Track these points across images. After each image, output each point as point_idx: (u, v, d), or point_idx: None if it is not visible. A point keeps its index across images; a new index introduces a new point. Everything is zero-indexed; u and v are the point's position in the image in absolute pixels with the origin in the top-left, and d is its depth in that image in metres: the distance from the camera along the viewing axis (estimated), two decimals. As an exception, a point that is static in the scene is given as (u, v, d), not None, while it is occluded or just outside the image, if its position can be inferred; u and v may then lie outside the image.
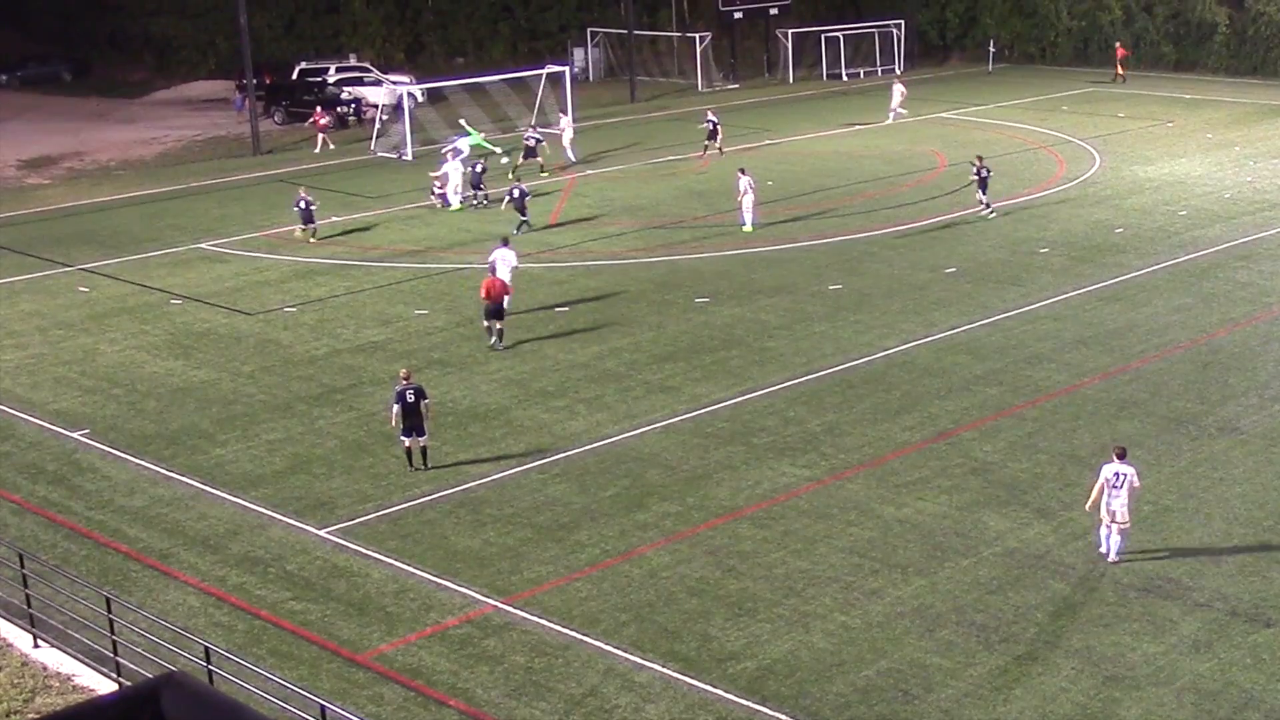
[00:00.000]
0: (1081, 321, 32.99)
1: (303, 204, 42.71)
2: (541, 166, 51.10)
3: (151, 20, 79.19)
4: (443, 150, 48.69)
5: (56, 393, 30.29)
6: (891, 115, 60.70)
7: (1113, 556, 21.67)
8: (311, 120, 59.02)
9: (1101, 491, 21.52)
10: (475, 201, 45.86)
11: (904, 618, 20.26)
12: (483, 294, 32.13)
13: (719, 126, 53.93)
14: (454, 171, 46.16)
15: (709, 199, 46.48)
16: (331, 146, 57.31)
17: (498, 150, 52.53)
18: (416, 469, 25.55)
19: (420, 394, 25.32)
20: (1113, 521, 21.51)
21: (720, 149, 53.62)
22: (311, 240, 42.48)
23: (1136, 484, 21.63)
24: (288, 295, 36.96)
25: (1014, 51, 79.36)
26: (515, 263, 34.62)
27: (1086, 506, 22.01)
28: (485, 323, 32.31)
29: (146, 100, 73.46)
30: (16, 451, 27.25)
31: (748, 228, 41.80)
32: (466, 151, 50.29)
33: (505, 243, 35.07)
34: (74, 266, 40.49)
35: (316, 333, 33.78)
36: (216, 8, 75.62)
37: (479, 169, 46.63)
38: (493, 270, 33.68)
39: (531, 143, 51.10)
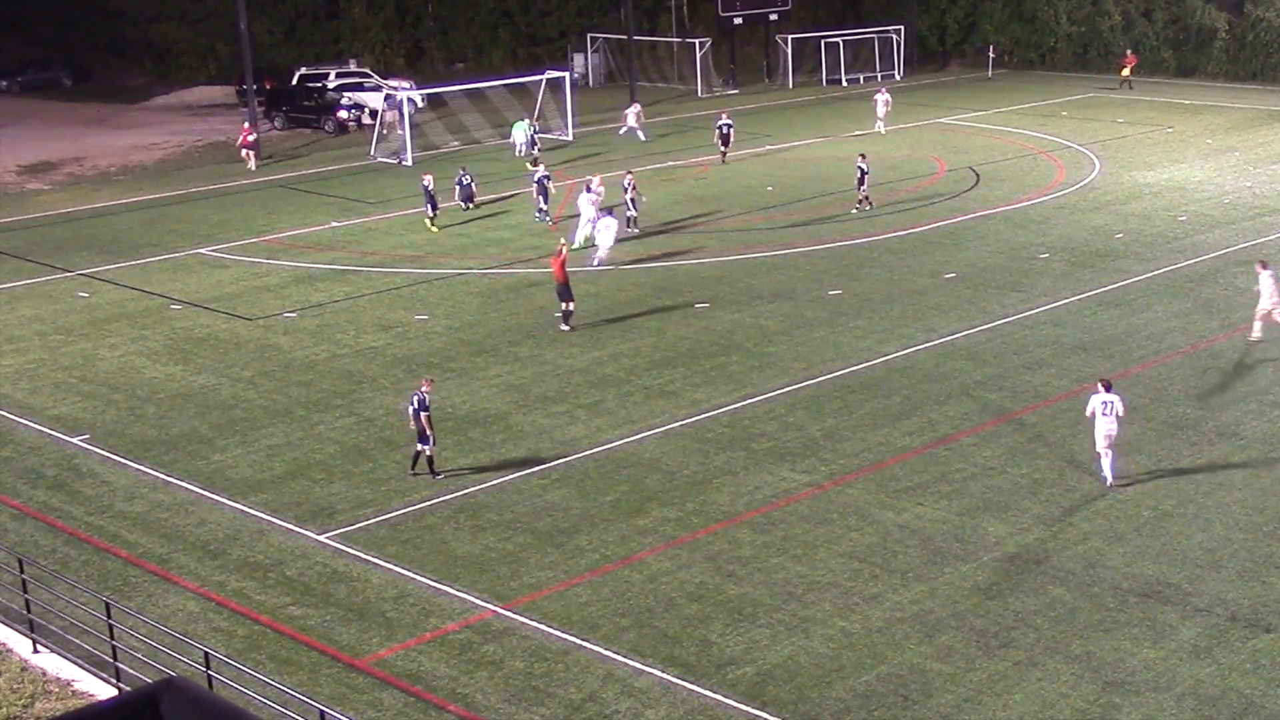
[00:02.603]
0: (1081, 327, 33.00)
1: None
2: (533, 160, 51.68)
3: (152, 26, 79.24)
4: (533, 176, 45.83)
5: (56, 398, 30.29)
6: (878, 125, 59.50)
7: (1111, 478, 24.37)
8: (240, 141, 56.27)
9: (1094, 420, 24.31)
10: (538, 217, 44.53)
11: (903, 623, 20.26)
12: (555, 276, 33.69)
13: (731, 131, 53.85)
14: (585, 205, 41.31)
15: (709, 204, 46.49)
16: (252, 167, 55.03)
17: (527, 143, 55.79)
18: (418, 474, 25.55)
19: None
20: (1109, 446, 24.26)
21: (724, 155, 53.56)
22: (434, 230, 43.66)
23: (1122, 410, 24.38)
24: (287, 300, 36.97)
25: (1014, 57, 79.45)
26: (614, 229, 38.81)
27: (1087, 413, 24.49)
28: (562, 305, 33.62)
29: (147, 106, 73.52)
30: (16, 457, 27.25)
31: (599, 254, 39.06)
32: (523, 140, 54.68)
33: (609, 211, 39.88)
34: (74, 272, 40.50)
35: (316, 338, 33.79)
36: (217, 13, 75.70)
37: (470, 183, 46.45)
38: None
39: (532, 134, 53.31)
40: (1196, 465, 25.32)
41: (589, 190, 41.34)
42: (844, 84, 74.83)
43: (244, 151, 55.74)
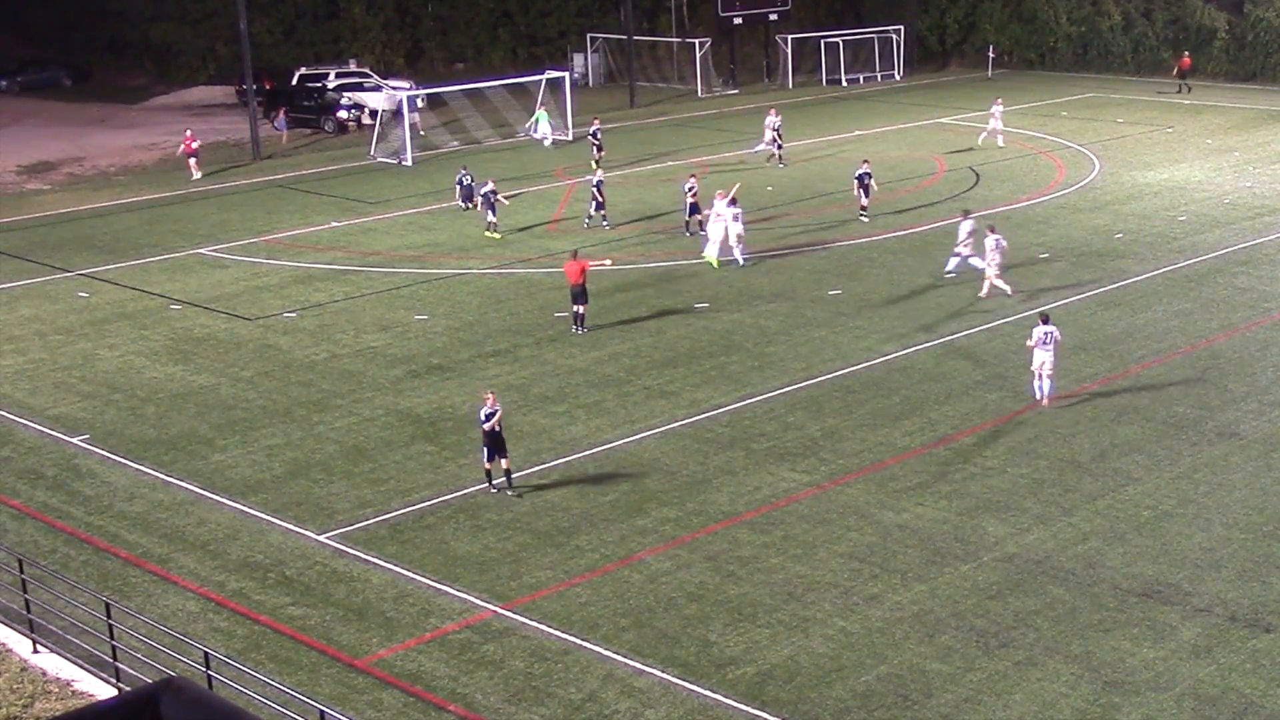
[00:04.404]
0: (1081, 327, 33.00)
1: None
2: (596, 162, 51.45)
3: (151, 26, 79.21)
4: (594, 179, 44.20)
5: (56, 398, 30.29)
6: (998, 138, 55.03)
7: (1046, 398, 27.88)
8: (182, 148, 54.08)
9: (1033, 349, 27.71)
10: (588, 222, 43.66)
11: (903, 623, 20.27)
12: (568, 279, 33.23)
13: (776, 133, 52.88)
14: (719, 225, 39.11)
15: (708, 204, 46.37)
16: (197, 176, 53.37)
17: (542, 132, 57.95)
18: (502, 490, 24.81)
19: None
20: (1042, 372, 27.73)
21: (770, 156, 52.72)
22: (495, 235, 42.58)
23: (1059, 337, 27.94)
24: (287, 300, 36.97)
25: (1013, 57, 79.44)
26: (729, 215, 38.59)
27: (1029, 343, 27.98)
28: (574, 307, 33.26)
29: (146, 106, 73.48)
30: (16, 457, 27.25)
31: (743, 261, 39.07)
32: (546, 131, 57.31)
33: (733, 202, 39.00)
34: (74, 272, 40.50)
35: (316, 338, 33.79)
36: (216, 13, 75.69)
37: (471, 184, 46.52)
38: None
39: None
40: (1196, 465, 25.33)
41: (727, 204, 38.89)
42: (844, 84, 74.84)
43: (189, 160, 53.72)
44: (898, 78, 76.58)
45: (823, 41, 75.31)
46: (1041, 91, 70.35)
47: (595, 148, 52.75)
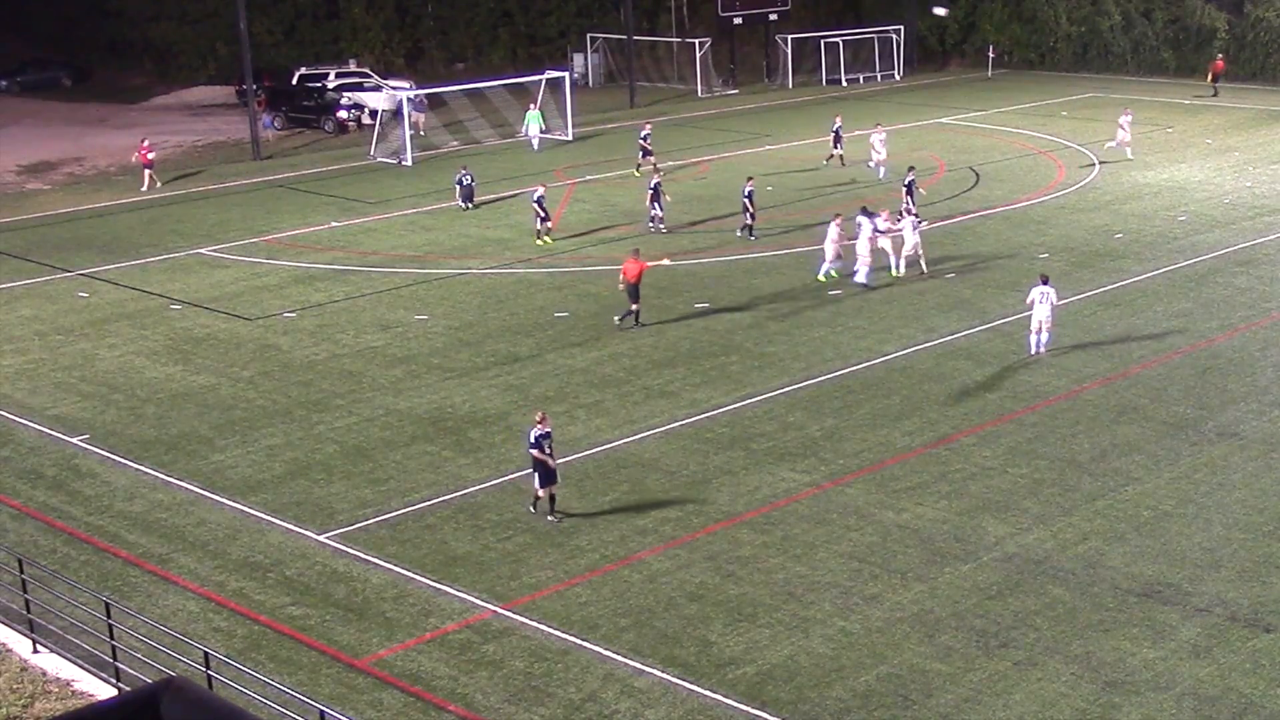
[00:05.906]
0: (1081, 327, 33.00)
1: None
2: (638, 166, 51.14)
3: (151, 26, 79.20)
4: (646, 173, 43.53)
5: (56, 398, 30.29)
6: (1118, 145, 52.07)
7: (1042, 350, 30.71)
8: (137, 156, 52.51)
9: (1031, 305, 30.71)
10: (652, 225, 42.86)
11: (903, 623, 20.27)
12: (622, 276, 33.54)
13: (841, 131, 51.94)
14: (829, 241, 37.13)
15: (709, 204, 46.49)
16: (159, 185, 52.12)
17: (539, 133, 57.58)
18: (558, 517, 23.87)
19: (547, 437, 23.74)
20: (1041, 328, 30.61)
21: (837, 156, 51.78)
22: (545, 241, 41.78)
23: (1055, 301, 30.73)
24: (287, 300, 36.97)
25: (1013, 57, 79.45)
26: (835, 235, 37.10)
27: (1027, 301, 31.12)
28: (633, 305, 33.58)
29: (146, 106, 73.48)
30: (16, 457, 27.25)
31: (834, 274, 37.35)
32: (535, 131, 56.80)
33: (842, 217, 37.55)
34: (73, 272, 40.49)
35: (316, 338, 33.79)
36: (216, 13, 75.67)
37: (472, 183, 46.82)
38: None
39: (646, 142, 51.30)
40: (1196, 465, 25.33)
41: (871, 221, 36.94)
42: (844, 84, 74.83)
43: (144, 170, 52.20)
44: (898, 78, 76.59)
45: (822, 41, 75.30)
46: (1041, 91, 70.35)
47: (643, 151, 51.25)
